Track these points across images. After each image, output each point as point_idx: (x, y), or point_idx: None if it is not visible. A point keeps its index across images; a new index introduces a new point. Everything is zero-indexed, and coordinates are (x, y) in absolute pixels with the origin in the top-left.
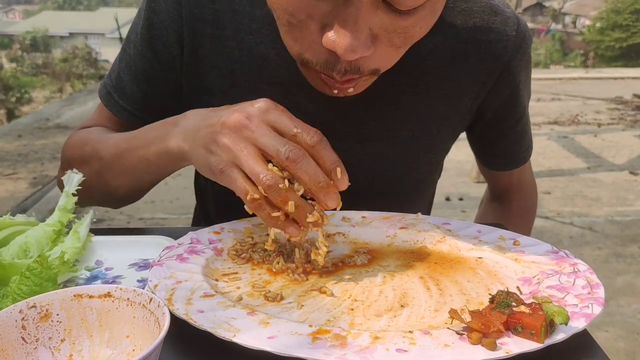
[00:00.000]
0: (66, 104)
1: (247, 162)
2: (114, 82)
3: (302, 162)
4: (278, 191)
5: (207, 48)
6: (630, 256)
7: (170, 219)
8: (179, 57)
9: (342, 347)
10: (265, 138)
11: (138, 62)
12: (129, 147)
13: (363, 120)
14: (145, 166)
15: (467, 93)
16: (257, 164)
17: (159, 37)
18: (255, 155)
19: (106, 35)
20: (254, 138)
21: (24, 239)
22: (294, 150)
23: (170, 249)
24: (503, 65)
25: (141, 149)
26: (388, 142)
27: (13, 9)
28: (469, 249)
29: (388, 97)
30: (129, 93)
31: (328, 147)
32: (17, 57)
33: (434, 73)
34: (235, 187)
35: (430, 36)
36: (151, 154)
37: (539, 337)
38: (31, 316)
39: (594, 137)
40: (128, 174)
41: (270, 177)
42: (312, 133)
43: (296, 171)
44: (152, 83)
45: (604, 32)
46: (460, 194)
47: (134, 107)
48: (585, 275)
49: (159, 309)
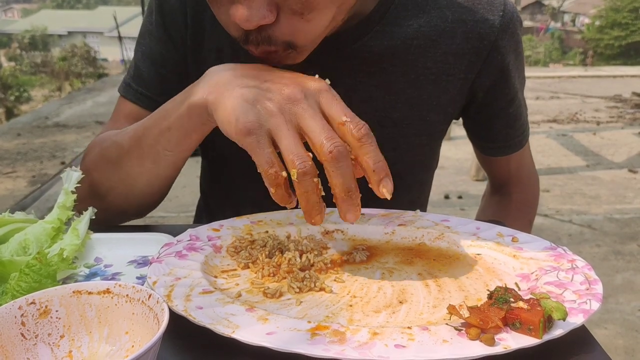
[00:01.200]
0: (65, 102)
1: (287, 138)
2: (131, 74)
3: (343, 162)
4: (310, 183)
5: (207, 31)
6: (629, 254)
7: (169, 217)
8: (186, 42)
9: (340, 343)
10: (313, 121)
11: (155, 47)
12: (148, 124)
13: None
14: (167, 139)
15: (455, 73)
16: (298, 145)
17: (171, 22)
18: (298, 135)
19: (105, 34)
20: (303, 116)
21: (23, 236)
22: (339, 147)
23: (169, 246)
24: (490, 44)
25: (162, 121)
26: (378, 124)
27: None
28: (468, 245)
29: (376, 79)
30: (147, 79)
31: (375, 144)
32: (16, 56)
33: (421, 54)
34: (261, 154)
35: (414, 16)
36: (173, 120)
37: (537, 332)
38: (30, 312)
39: (593, 135)
40: (149, 156)
41: (310, 165)
42: (360, 125)
43: (333, 170)
44: (169, 66)
45: (603, 30)
46: (459, 192)
47: (152, 92)
48: (583, 271)
49: (158, 305)
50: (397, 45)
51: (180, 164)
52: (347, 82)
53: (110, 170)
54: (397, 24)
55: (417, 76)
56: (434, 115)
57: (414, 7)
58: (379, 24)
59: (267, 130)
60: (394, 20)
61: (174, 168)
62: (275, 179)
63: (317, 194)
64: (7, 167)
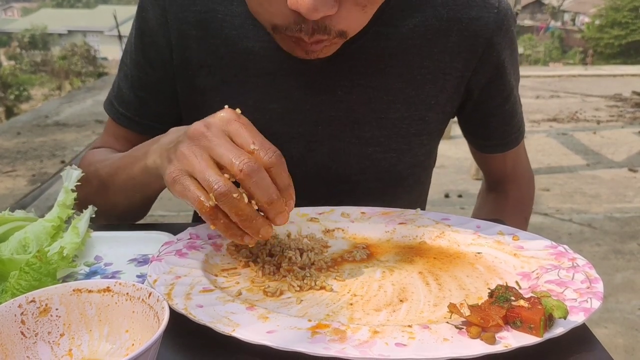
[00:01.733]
0: (65, 101)
1: (199, 169)
2: (115, 92)
3: (256, 176)
4: (231, 200)
5: (194, 49)
6: (630, 253)
7: (169, 216)
8: (170, 62)
9: (341, 342)
10: (220, 148)
11: (134, 70)
12: (120, 165)
13: (350, 105)
14: (133, 185)
15: (452, 72)
16: (210, 172)
17: (150, 44)
18: (209, 163)
19: (105, 33)
20: (210, 147)
21: (23, 235)
22: (248, 163)
23: (169, 245)
24: (485, 42)
25: (129, 167)
26: (377, 125)
27: (12, 7)
28: (468, 244)
29: (374, 80)
30: (127, 100)
31: (285, 168)
32: (16, 55)
33: (417, 53)
34: (188, 194)
35: (409, 16)
36: (136, 172)
37: (538, 331)
38: (30, 311)
39: (593, 134)
40: (122, 192)
41: (223, 184)
42: (270, 152)
43: (250, 185)
44: (147, 89)
45: (603, 29)
46: (459, 191)
47: (132, 113)
48: (584, 269)
49: (158, 304)
50: (393, 46)
51: (152, 199)
52: (344, 84)
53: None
54: (393, 25)
55: (414, 76)
56: (432, 114)
57: (409, 7)
58: (374, 25)
59: (185, 172)
60: (390, 21)
61: (147, 202)
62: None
63: (246, 207)
64: (7, 166)
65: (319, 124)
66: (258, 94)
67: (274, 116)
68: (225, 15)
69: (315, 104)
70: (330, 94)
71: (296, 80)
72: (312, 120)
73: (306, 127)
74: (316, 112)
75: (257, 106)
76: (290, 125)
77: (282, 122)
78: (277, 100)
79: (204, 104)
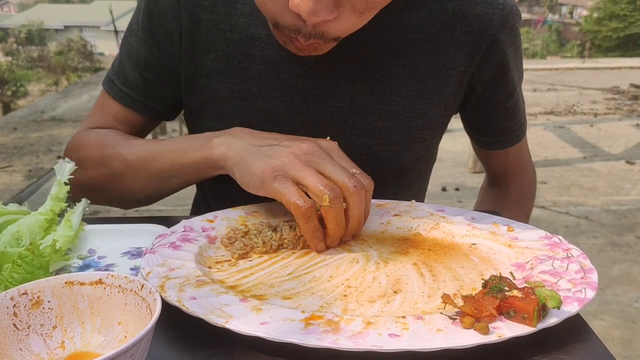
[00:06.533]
0: (61, 96)
1: (311, 176)
2: (116, 70)
3: (359, 194)
4: (340, 206)
5: (204, 32)
6: (627, 245)
7: (166, 211)
8: (178, 45)
9: (334, 333)
10: (332, 166)
11: (140, 49)
12: (159, 151)
13: (353, 95)
14: (178, 170)
15: (456, 67)
16: (322, 180)
17: (159, 25)
18: (319, 175)
19: (101, 28)
20: (322, 163)
21: (16, 228)
22: (357, 182)
23: (163, 237)
24: (490, 38)
25: (175, 154)
26: (379, 117)
27: (8, 2)
28: (463, 235)
29: (377, 72)
30: (131, 79)
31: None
32: (13, 51)
33: (421, 47)
34: (287, 192)
35: (415, 10)
36: (187, 159)
37: (532, 321)
38: (22, 303)
39: (590, 127)
40: (155, 178)
41: (339, 191)
42: (368, 178)
43: (355, 201)
44: (153, 70)
45: (601, 22)
46: (457, 184)
47: (136, 93)
48: (578, 260)
49: (151, 295)
50: (397, 39)
51: (185, 186)
52: (348, 76)
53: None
54: (398, 17)
55: (418, 69)
56: (435, 108)
57: (415, 0)
58: (380, 17)
59: (292, 175)
60: (395, 13)
61: (177, 189)
62: (305, 210)
63: (343, 219)
64: (4, 161)
65: (321, 113)
66: (262, 82)
67: (278, 104)
68: (236, 2)
69: (318, 93)
70: (333, 84)
71: (300, 69)
72: (315, 109)
73: (309, 117)
74: (319, 102)
75: (260, 93)
76: (293, 114)
77: (285, 111)
78: (281, 89)
79: (207, 89)
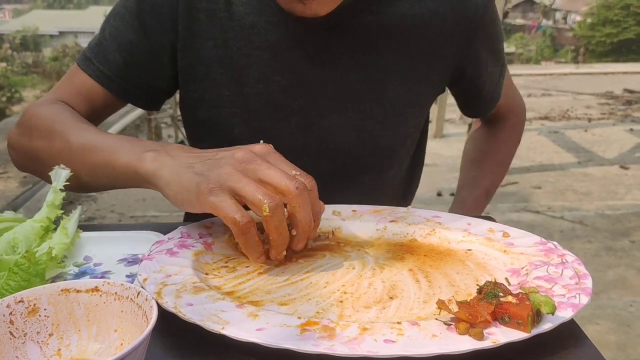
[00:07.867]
0: None
1: (249, 186)
2: (94, 50)
3: (304, 197)
4: (281, 215)
5: (203, 21)
6: (621, 249)
7: (161, 217)
8: (170, 33)
9: (330, 339)
10: (271, 170)
11: (125, 32)
12: (99, 146)
13: (351, 81)
14: (108, 171)
15: (446, 55)
16: (260, 189)
17: (149, 11)
18: (257, 184)
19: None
20: (259, 170)
21: (12, 235)
22: (300, 186)
23: (160, 244)
24: (477, 24)
25: (111, 154)
26: (376, 102)
27: (3, 8)
28: (459, 241)
29: (372, 57)
30: (111, 60)
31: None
32: (7, 57)
33: (413, 33)
34: (224, 206)
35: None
36: (119, 164)
37: (526, 326)
38: (19, 311)
39: (585, 132)
40: (87, 171)
41: (279, 199)
42: (309, 178)
43: (297, 204)
44: (136, 55)
45: (595, 27)
46: (452, 189)
47: (114, 73)
48: (573, 266)
49: (147, 303)
50: (392, 25)
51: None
52: (344, 60)
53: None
54: (393, 4)
55: (412, 54)
56: (425, 88)
57: None
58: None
59: (228, 187)
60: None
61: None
62: (243, 225)
63: (286, 229)
64: None
65: (320, 97)
66: (262, 66)
67: (277, 88)
68: None
69: (317, 77)
70: (331, 68)
71: (299, 53)
72: (314, 93)
73: (308, 101)
74: (318, 86)
75: (260, 78)
76: (293, 98)
77: (285, 95)
78: (281, 73)
79: (207, 76)
